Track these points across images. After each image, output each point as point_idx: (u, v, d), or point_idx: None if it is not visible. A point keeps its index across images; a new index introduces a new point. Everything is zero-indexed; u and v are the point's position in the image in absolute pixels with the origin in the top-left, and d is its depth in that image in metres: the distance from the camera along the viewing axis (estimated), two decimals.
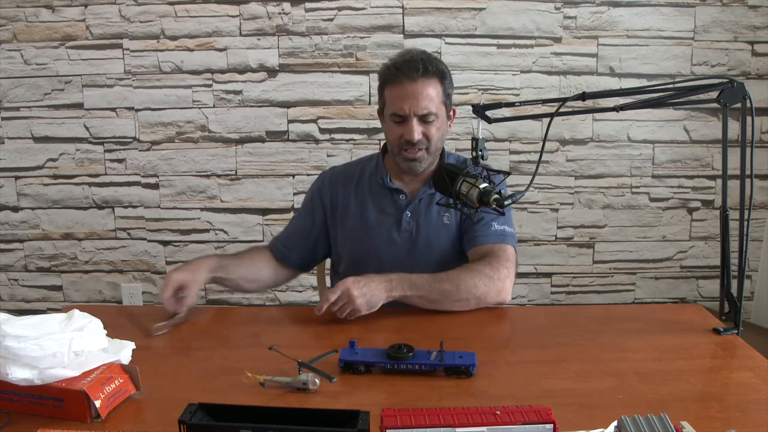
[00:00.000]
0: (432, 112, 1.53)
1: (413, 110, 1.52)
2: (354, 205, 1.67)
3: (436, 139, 1.56)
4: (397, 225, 1.63)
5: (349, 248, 1.68)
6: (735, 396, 1.12)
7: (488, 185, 1.23)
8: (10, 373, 1.01)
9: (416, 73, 1.51)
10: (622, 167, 2.76)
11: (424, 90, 1.52)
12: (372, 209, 1.65)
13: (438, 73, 1.54)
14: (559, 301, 2.87)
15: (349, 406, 0.95)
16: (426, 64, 1.52)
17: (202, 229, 2.81)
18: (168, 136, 2.73)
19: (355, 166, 1.75)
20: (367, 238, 1.64)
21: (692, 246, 2.85)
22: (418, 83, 1.51)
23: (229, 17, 2.63)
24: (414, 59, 1.53)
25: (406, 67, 1.52)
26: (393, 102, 1.55)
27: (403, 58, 1.56)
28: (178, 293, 1.47)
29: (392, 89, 1.55)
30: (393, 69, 1.55)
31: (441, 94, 1.55)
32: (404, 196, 1.64)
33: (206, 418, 0.93)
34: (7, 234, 2.83)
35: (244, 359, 1.24)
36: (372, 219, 1.64)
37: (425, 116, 1.53)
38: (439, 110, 1.54)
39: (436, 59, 1.58)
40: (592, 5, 2.62)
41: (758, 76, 2.68)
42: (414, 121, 1.53)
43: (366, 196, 1.67)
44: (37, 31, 2.65)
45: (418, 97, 1.51)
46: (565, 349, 1.31)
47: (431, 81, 1.53)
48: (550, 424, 0.86)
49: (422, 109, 1.52)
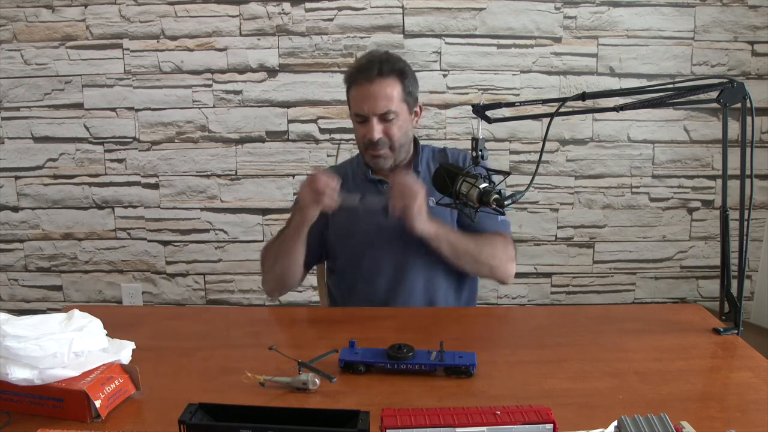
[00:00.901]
0: (391, 110, 1.57)
1: (372, 110, 1.56)
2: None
3: (398, 137, 1.60)
4: (384, 211, 1.64)
5: (342, 240, 1.70)
6: (735, 396, 1.12)
7: (488, 185, 1.23)
8: (10, 373, 1.01)
9: (373, 74, 1.56)
10: (622, 167, 2.76)
11: (381, 90, 1.56)
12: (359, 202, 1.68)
13: (396, 72, 1.58)
14: (559, 301, 2.87)
15: (349, 406, 0.95)
16: (382, 65, 1.57)
17: (202, 229, 2.81)
18: (168, 136, 2.73)
19: (346, 163, 1.79)
20: (357, 228, 1.66)
21: (692, 246, 2.85)
22: (375, 84, 1.56)
23: (229, 17, 2.63)
24: (372, 60, 1.59)
25: (364, 69, 1.58)
26: (354, 103, 1.61)
27: (363, 59, 1.62)
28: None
29: (353, 90, 1.61)
30: (354, 71, 1.61)
31: (401, 92, 1.59)
32: (387, 185, 1.66)
33: (206, 418, 0.93)
34: (7, 234, 2.84)
35: (244, 359, 1.24)
36: (360, 210, 1.66)
37: (384, 115, 1.57)
38: (399, 108, 1.58)
39: (397, 58, 1.63)
40: (592, 5, 2.62)
41: (758, 76, 2.68)
42: (374, 121, 1.57)
43: (354, 192, 1.67)
44: (37, 31, 2.65)
45: (377, 97, 1.56)
46: (565, 349, 1.31)
47: (389, 81, 1.57)
48: (550, 424, 0.86)
49: (381, 108, 1.56)
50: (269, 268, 1.67)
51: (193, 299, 2.88)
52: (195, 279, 2.86)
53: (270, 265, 1.66)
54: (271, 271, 1.67)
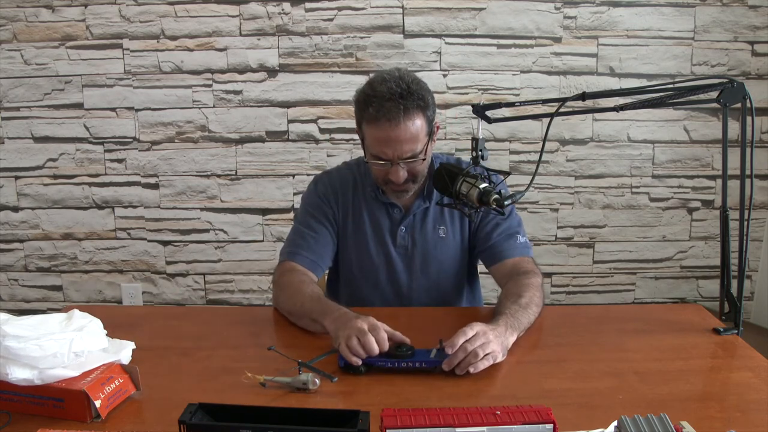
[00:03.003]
0: (417, 153, 1.43)
1: (397, 155, 1.42)
2: (352, 216, 1.61)
3: (421, 171, 1.49)
4: (393, 239, 1.59)
5: (347, 260, 1.63)
6: (735, 396, 1.12)
7: (488, 185, 1.23)
8: (10, 373, 1.01)
9: (398, 115, 1.38)
10: (622, 167, 2.76)
11: (407, 132, 1.39)
12: (368, 222, 1.59)
13: (420, 107, 1.41)
14: (559, 301, 2.87)
15: (349, 406, 0.95)
16: (407, 101, 1.38)
17: (202, 229, 2.81)
18: (168, 136, 2.73)
19: (345, 171, 1.64)
20: (365, 252, 1.60)
21: (692, 246, 2.85)
22: (401, 127, 1.39)
23: (229, 17, 2.63)
24: (393, 97, 1.38)
25: (385, 109, 1.38)
26: (373, 144, 1.44)
27: (381, 94, 1.39)
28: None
29: (372, 130, 1.43)
30: (371, 109, 1.40)
31: (425, 126, 1.43)
32: (399, 210, 1.58)
33: (206, 418, 0.93)
34: (7, 234, 2.83)
35: (244, 359, 1.24)
36: (368, 233, 1.59)
37: (410, 158, 1.43)
38: (423, 143, 1.43)
39: (417, 86, 1.42)
40: (592, 5, 2.62)
41: (758, 76, 2.68)
42: (398, 165, 1.43)
43: (362, 207, 1.60)
44: (37, 31, 2.65)
45: (402, 141, 1.40)
46: (565, 349, 1.31)
47: (414, 119, 1.40)
48: (550, 424, 0.86)
49: (407, 152, 1.42)
50: (285, 314, 1.48)
51: (193, 299, 2.88)
52: (195, 279, 2.86)
53: (286, 314, 1.48)
54: (287, 315, 1.48)
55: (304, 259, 1.54)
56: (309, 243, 1.56)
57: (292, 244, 1.58)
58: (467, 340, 1.17)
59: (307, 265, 1.54)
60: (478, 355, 1.16)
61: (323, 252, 1.58)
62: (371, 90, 1.43)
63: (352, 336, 1.18)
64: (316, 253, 1.56)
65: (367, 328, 1.18)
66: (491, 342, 1.18)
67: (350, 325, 1.21)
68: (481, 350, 1.16)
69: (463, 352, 1.16)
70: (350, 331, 1.19)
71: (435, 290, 1.62)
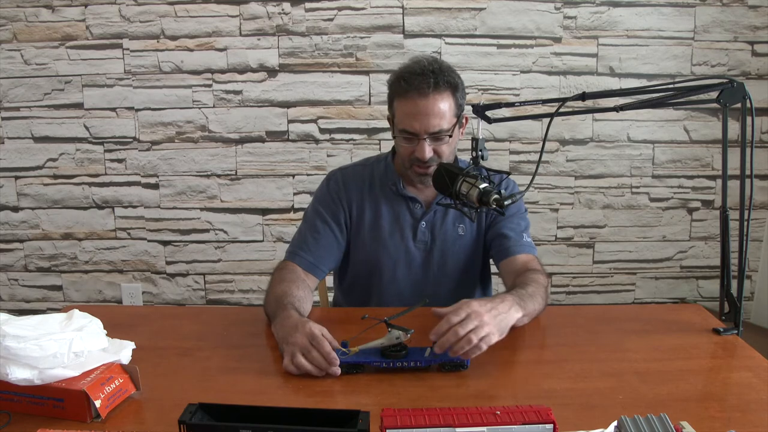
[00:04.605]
0: (444, 130, 1.45)
1: (424, 128, 1.44)
2: (368, 212, 1.59)
3: (447, 154, 1.49)
4: (413, 235, 1.59)
5: (363, 258, 1.62)
6: (735, 396, 1.12)
7: (488, 185, 1.23)
8: (10, 373, 1.01)
9: (428, 89, 1.42)
10: (622, 167, 2.76)
11: (435, 106, 1.42)
12: (386, 217, 1.59)
13: (450, 86, 1.45)
14: (559, 302, 2.87)
15: (349, 406, 0.95)
16: (437, 77, 1.43)
17: (202, 229, 2.81)
18: (168, 136, 2.73)
19: (362, 168, 1.64)
20: (382, 247, 1.59)
21: (692, 246, 2.85)
22: (429, 99, 1.42)
23: (229, 17, 2.63)
24: (425, 72, 1.43)
25: (416, 81, 1.42)
26: (402, 118, 1.46)
27: (412, 70, 1.45)
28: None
29: (402, 104, 1.46)
30: (402, 82, 1.45)
31: (453, 107, 1.46)
32: (420, 206, 1.58)
33: (206, 418, 0.93)
34: (7, 234, 2.83)
35: (244, 359, 1.24)
36: (386, 228, 1.58)
37: (436, 134, 1.45)
38: (450, 124, 1.46)
39: (448, 68, 1.48)
40: (592, 5, 2.62)
41: (758, 76, 2.68)
42: (425, 140, 1.45)
43: (380, 202, 1.59)
44: (37, 31, 2.65)
45: (429, 114, 1.43)
46: (565, 349, 1.31)
47: (443, 95, 1.44)
48: (550, 424, 0.85)
49: (433, 127, 1.44)
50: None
51: (193, 299, 2.88)
52: (195, 279, 2.86)
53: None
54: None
55: (302, 260, 1.54)
56: (310, 245, 1.57)
57: (294, 244, 1.59)
58: (459, 323, 1.15)
59: (305, 266, 1.54)
60: (471, 341, 1.14)
61: (324, 254, 1.57)
62: (405, 67, 1.49)
63: (296, 354, 1.17)
64: (317, 255, 1.56)
65: (309, 343, 1.17)
66: (485, 325, 1.16)
67: (292, 341, 1.19)
68: (474, 335, 1.14)
69: (454, 335, 1.14)
70: (293, 348, 1.18)
71: (450, 286, 1.62)
